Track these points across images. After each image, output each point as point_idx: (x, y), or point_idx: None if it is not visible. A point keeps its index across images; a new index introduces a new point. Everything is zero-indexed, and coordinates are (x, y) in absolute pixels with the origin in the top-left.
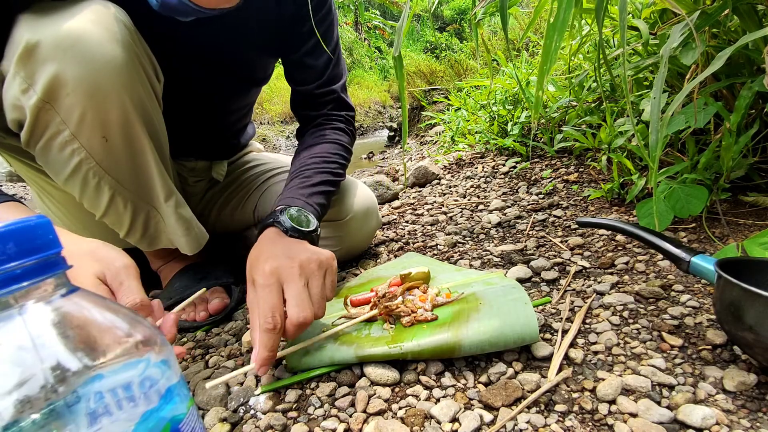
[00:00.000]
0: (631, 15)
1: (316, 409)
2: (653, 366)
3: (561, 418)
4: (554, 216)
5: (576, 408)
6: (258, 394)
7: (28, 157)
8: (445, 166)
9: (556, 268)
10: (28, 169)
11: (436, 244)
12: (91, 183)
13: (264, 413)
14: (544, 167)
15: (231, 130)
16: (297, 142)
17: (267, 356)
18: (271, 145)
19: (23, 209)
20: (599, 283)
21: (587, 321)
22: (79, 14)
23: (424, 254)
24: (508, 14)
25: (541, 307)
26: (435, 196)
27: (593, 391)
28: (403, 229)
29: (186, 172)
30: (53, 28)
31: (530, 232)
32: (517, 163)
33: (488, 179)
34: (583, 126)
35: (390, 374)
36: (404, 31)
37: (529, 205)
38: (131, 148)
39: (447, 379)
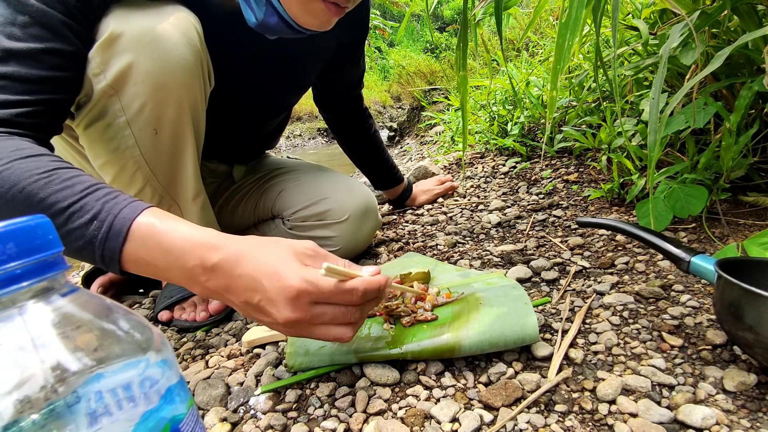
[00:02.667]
0: (631, 15)
1: (316, 409)
2: (653, 366)
3: (561, 418)
4: (554, 216)
5: (576, 408)
6: (258, 394)
7: (70, 134)
8: (445, 166)
9: (556, 268)
10: (64, 144)
11: (436, 244)
12: (128, 170)
13: (264, 413)
14: (544, 167)
15: (267, 133)
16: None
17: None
18: None
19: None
20: (599, 283)
21: (587, 321)
22: (164, 15)
23: (424, 254)
24: (503, 15)
25: (541, 307)
26: None
27: (593, 391)
28: (403, 229)
29: (206, 172)
30: (139, 23)
31: (530, 232)
32: (517, 163)
33: (488, 179)
34: (583, 126)
35: (390, 374)
36: (401, 31)
37: (529, 205)
38: (176, 145)
39: (447, 379)
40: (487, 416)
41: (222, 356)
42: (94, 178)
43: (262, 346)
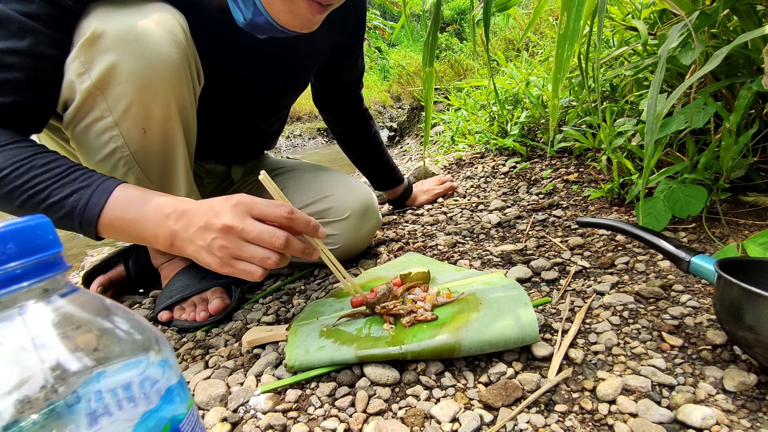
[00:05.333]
0: (630, 15)
1: (316, 409)
2: (653, 366)
3: (561, 418)
4: (554, 216)
5: (576, 408)
6: (258, 394)
7: (61, 136)
8: (444, 166)
9: (556, 268)
10: (57, 146)
11: (436, 244)
12: (119, 171)
13: (264, 413)
14: (544, 167)
15: (264, 134)
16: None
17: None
18: None
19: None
20: (599, 283)
21: (587, 321)
22: (146, 13)
23: (424, 254)
24: (503, 15)
25: (541, 307)
26: None
27: (593, 391)
28: (403, 229)
29: (203, 173)
30: (120, 21)
31: (530, 232)
32: (517, 163)
33: (488, 179)
34: (583, 126)
35: (390, 374)
36: (396, 31)
37: (529, 205)
38: (166, 144)
39: (447, 379)
40: (487, 416)
41: (222, 356)
42: (69, 161)
43: (262, 346)
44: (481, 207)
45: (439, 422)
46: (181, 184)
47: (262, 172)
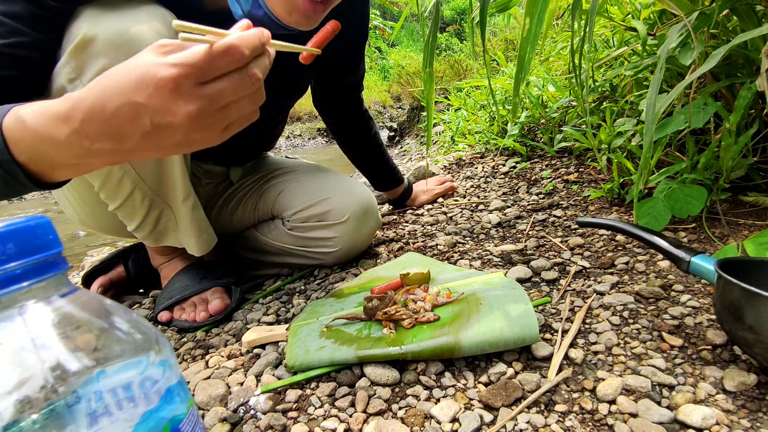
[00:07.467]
0: (630, 15)
1: (316, 409)
2: (653, 366)
3: (561, 418)
4: (554, 216)
5: (576, 408)
6: (258, 394)
7: None
8: (444, 166)
9: (556, 268)
10: None
11: (436, 244)
12: (115, 176)
13: (264, 413)
14: (544, 167)
15: (262, 136)
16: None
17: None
18: None
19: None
20: (599, 283)
21: (587, 321)
22: (138, 15)
23: (424, 254)
24: (503, 15)
25: (541, 307)
26: None
27: (593, 391)
28: (403, 229)
29: (201, 173)
30: (112, 25)
31: (530, 232)
32: (517, 163)
33: (488, 179)
34: (583, 126)
35: (390, 374)
36: (395, 32)
37: (529, 205)
38: None
39: (447, 379)
40: (487, 416)
41: (222, 356)
42: None
43: (262, 346)
44: (481, 207)
45: (439, 422)
46: (177, 186)
47: (175, 23)
